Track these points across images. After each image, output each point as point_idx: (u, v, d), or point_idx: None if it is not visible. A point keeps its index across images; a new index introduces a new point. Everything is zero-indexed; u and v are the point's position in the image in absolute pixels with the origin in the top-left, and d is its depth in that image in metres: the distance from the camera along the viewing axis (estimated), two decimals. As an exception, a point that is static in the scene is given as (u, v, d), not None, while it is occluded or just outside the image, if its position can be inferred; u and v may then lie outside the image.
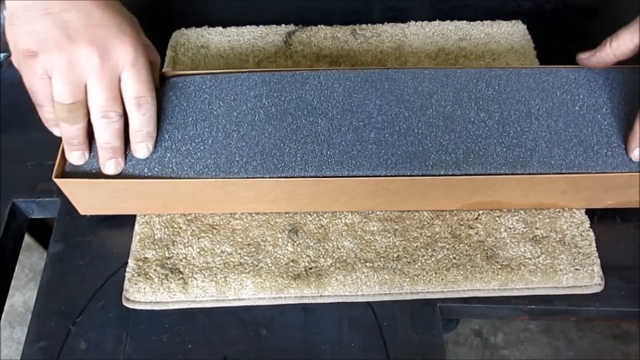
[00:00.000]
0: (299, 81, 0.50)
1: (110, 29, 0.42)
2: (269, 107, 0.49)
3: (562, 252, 0.49)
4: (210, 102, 0.49)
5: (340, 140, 0.47)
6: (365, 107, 0.49)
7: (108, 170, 0.46)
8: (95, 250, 0.51)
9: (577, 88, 0.50)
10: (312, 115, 0.48)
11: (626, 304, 0.48)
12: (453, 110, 0.49)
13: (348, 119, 0.48)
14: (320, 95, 0.49)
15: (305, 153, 0.47)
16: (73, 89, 0.42)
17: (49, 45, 0.41)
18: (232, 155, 0.47)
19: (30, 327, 0.47)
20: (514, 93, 0.50)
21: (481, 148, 0.47)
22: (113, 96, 0.43)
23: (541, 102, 0.49)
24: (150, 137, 0.46)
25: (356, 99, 0.49)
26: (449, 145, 0.47)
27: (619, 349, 1.16)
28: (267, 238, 0.50)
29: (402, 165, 0.46)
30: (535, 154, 0.47)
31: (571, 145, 0.47)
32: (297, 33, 0.64)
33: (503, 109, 0.49)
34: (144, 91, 0.44)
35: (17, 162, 0.56)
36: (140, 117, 0.45)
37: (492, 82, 0.50)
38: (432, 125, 0.48)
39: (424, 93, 0.50)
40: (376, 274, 0.48)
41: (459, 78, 0.50)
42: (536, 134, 0.48)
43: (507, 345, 1.18)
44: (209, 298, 0.48)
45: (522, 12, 0.67)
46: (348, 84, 0.50)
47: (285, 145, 0.47)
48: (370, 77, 0.50)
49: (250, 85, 0.50)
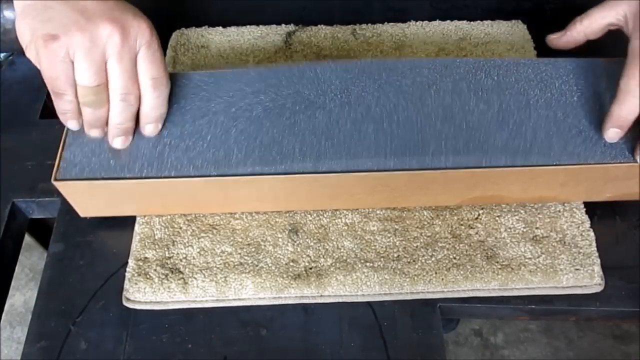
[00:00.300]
0: (296, 75, 0.50)
1: (126, 11, 0.43)
2: (266, 102, 0.49)
3: (562, 252, 0.49)
4: (208, 98, 0.49)
5: (338, 133, 0.47)
6: (363, 99, 0.49)
7: (116, 144, 0.46)
8: (95, 250, 0.51)
9: (576, 78, 0.50)
10: (310, 108, 0.48)
11: (626, 304, 0.48)
12: (452, 101, 0.48)
13: (346, 111, 0.48)
14: (317, 88, 0.49)
15: (303, 146, 0.46)
16: (97, 69, 0.42)
17: (70, 27, 0.41)
18: (230, 150, 0.47)
19: (30, 327, 0.47)
20: (513, 83, 0.49)
21: (480, 138, 0.47)
22: (132, 78, 0.43)
23: (540, 93, 0.49)
24: (161, 118, 0.47)
25: (354, 91, 0.49)
26: (448, 135, 0.47)
27: (619, 349, 1.16)
28: (267, 238, 0.50)
29: (401, 155, 0.46)
30: (534, 144, 0.47)
31: (570, 136, 0.47)
32: (297, 33, 0.64)
33: (502, 99, 0.49)
34: (159, 73, 0.44)
35: (17, 162, 0.56)
36: (155, 99, 0.45)
37: (491, 73, 0.50)
38: (431, 115, 0.48)
39: (422, 83, 0.49)
40: (376, 274, 0.48)
41: (458, 68, 0.50)
42: (535, 124, 0.47)
43: (507, 345, 1.18)
44: (209, 298, 0.48)
45: (522, 12, 0.66)
46: (345, 76, 0.50)
47: (283, 139, 0.47)
48: (368, 69, 0.50)
49: (247, 81, 0.50)
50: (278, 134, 0.47)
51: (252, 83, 0.50)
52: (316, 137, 0.47)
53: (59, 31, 0.41)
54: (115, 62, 0.42)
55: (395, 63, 0.50)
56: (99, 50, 0.41)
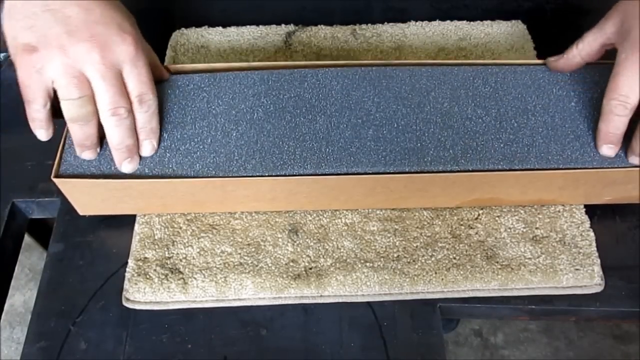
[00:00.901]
0: (297, 79, 0.50)
1: (110, 25, 0.42)
2: (267, 106, 0.49)
3: (562, 252, 0.49)
4: (209, 100, 0.49)
5: (338, 138, 0.47)
6: (363, 105, 0.49)
7: (125, 169, 0.46)
8: (95, 250, 0.51)
9: (573, 84, 0.50)
10: (311, 113, 0.49)
11: (626, 304, 0.48)
12: (450, 107, 0.49)
13: (346, 116, 0.49)
14: (318, 92, 0.50)
15: (304, 150, 0.47)
16: (78, 82, 0.42)
17: (50, 40, 0.41)
18: (231, 154, 0.47)
19: (30, 327, 0.47)
20: (510, 90, 0.50)
21: (479, 144, 0.47)
22: (119, 92, 0.43)
23: (537, 99, 0.50)
24: (153, 133, 0.47)
25: (354, 96, 0.50)
26: (447, 142, 0.47)
27: (619, 349, 1.16)
28: (267, 238, 0.50)
29: (400, 161, 0.46)
30: (532, 150, 0.47)
31: (568, 141, 0.47)
32: (297, 33, 0.64)
33: (500, 105, 0.49)
34: (145, 89, 0.44)
35: (17, 162, 0.56)
36: (143, 114, 0.45)
37: (488, 80, 0.51)
38: (429, 121, 0.48)
39: (421, 90, 0.50)
40: (376, 274, 0.48)
41: (456, 75, 0.51)
42: (533, 129, 0.48)
43: (507, 345, 1.18)
44: (209, 298, 0.48)
45: (522, 12, 0.66)
46: (346, 81, 0.50)
47: (283, 143, 0.47)
48: (368, 75, 0.51)
49: (248, 83, 0.50)
50: (278, 138, 0.47)
51: (252, 85, 0.50)
52: (316, 142, 0.47)
53: (39, 43, 0.41)
54: (99, 80, 0.42)
55: (395, 70, 0.51)
56: (77, 66, 0.41)
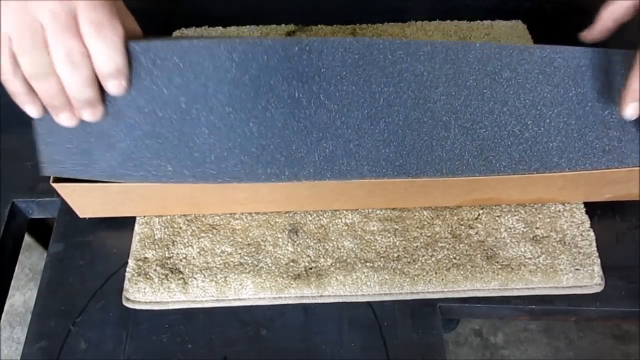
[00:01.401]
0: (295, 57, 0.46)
1: None
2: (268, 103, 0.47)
3: (562, 252, 0.49)
4: (203, 93, 0.44)
5: (341, 135, 0.47)
6: (368, 101, 0.49)
7: (86, 117, 0.42)
8: (95, 250, 0.51)
9: (575, 81, 0.50)
10: (312, 107, 0.47)
11: (626, 304, 0.48)
12: (452, 109, 0.49)
13: (351, 112, 0.48)
14: (320, 83, 0.48)
15: (305, 152, 0.46)
16: (27, 27, 0.38)
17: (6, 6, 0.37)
18: (229, 158, 0.45)
19: (30, 327, 0.47)
20: (509, 93, 0.50)
21: (480, 145, 0.47)
22: (72, 34, 0.39)
23: (536, 100, 0.49)
24: (120, 73, 0.41)
25: (357, 92, 0.49)
26: (446, 143, 0.47)
27: (619, 349, 1.16)
28: (267, 238, 0.50)
29: (400, 162, 0.46)
30: (534, 150, 0.47)
31: (570, 140, 0.47)
32: (297, 33, 0.64)
33: (499, 107, 0.49)
34: (101, 16, 0.39)
35: (17, 162, 0.56)
36: (102, 48, 0.39)
37: (491, 84, 0.50)
38: (429, 124, 0.48)
39: (426, 87, 0.49)
40: (376, 274, 0.48)
41: (456, 79, 0.50)
42: (534, 130, 0.48)
43: (507, 345, 1.18)
44: (209, 298, 0.48)
45: (522, 12, 0.66)
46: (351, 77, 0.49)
47: (284, 145, 0.46)
48: (375, 60, 0.49)
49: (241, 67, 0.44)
50: (279, 139, 0.47)
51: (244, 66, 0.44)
52: (319, 142, 0.46)
53: None
54: (49, 20, 0.38)
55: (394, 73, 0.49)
56: (29, 15, 0.38)
